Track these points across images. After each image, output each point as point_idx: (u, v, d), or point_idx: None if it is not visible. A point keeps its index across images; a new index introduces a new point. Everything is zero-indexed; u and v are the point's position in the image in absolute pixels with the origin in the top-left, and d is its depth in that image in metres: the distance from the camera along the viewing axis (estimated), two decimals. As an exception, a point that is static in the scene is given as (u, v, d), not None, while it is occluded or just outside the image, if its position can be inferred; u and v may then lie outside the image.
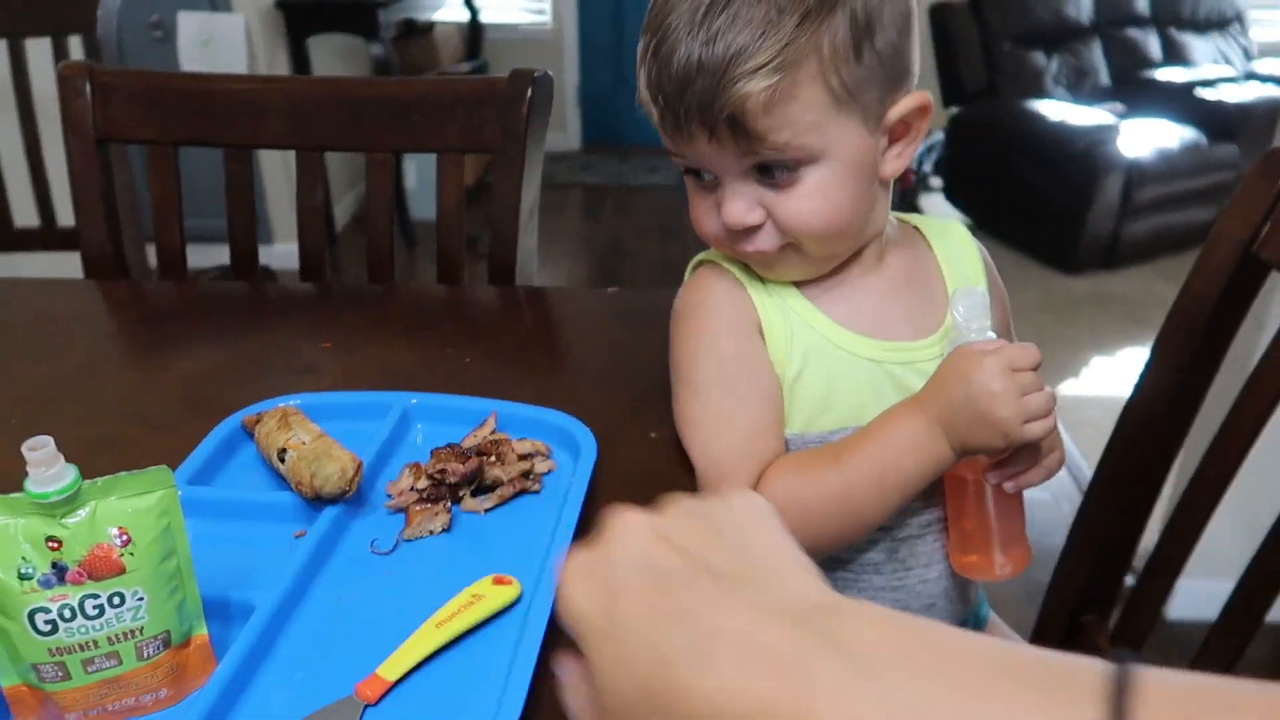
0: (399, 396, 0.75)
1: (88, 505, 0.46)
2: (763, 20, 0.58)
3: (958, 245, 0.76)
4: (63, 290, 1.04)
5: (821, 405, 0.69)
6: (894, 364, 0.70)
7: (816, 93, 0.60)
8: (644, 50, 0.63)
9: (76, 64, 1.07)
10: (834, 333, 0.70)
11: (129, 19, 2.88)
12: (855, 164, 0.64)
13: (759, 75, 0.58)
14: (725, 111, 0.59)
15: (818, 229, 0.65)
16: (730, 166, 0.63)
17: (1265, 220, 0.73)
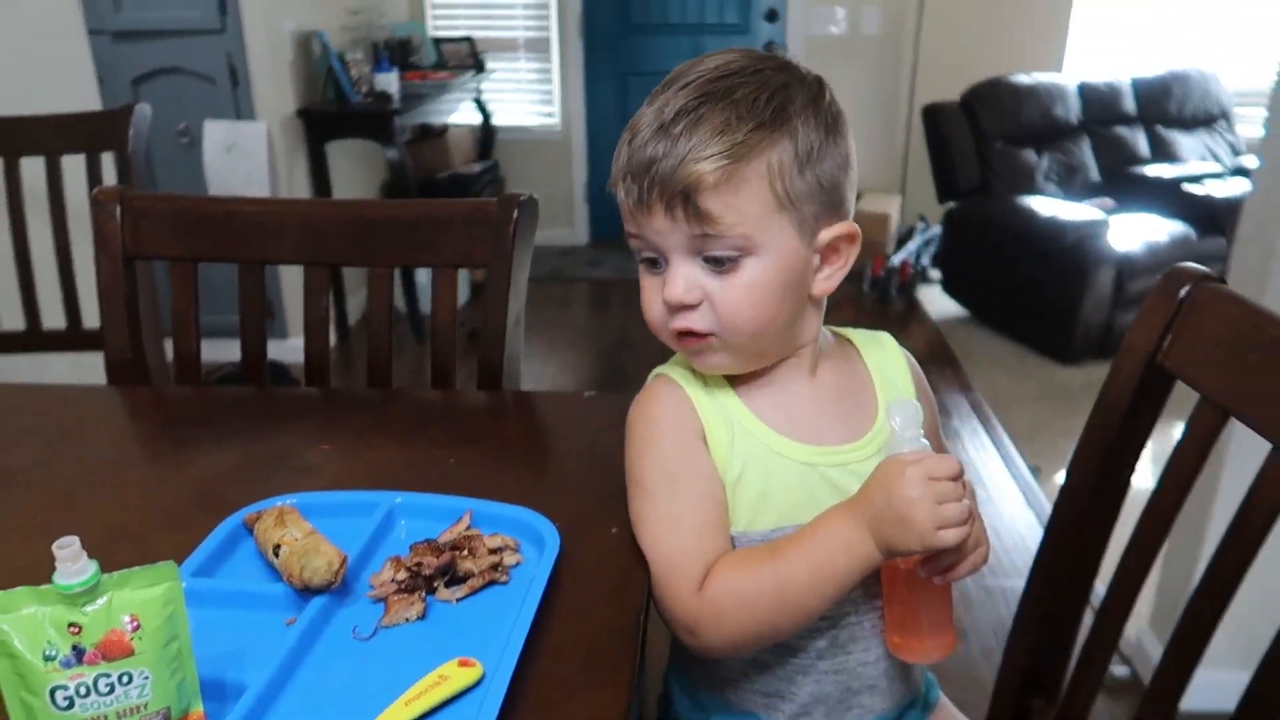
0: (385, 496, 0.83)
1: (105, 595, 0.54)
2: (722, 123, 0.69)
3: (887, 355, 0.85)
4: (88, 395, 1.13)
5: (760, 505, 0.77)
6: (827, 466, 0.78)
7: (761, 190, 0.70)
8: (619, 146, 0.74)
9: (110, 189, 1.18)
10: (771, 439, 0.78)
11: (157, 126, 3.05)
12: (787, 266, 0.73)
13: (713, 159, 0.68)
14: (681, 185, 0.69)
15: (746, 318, 0.73)
16: (679, 245, 0.72)
17: (1166, 331, 0.81)
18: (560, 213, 4.90)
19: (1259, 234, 1.62)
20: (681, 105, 0.70)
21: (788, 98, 0.71)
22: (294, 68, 3.36)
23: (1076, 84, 4.24)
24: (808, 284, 0.75)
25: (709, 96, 0.70)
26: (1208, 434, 0.78)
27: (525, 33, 4.70)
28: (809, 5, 4.45)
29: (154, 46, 3.14)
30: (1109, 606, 0.86)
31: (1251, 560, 0.74)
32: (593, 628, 0.70)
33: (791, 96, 0.71)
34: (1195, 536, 1.71)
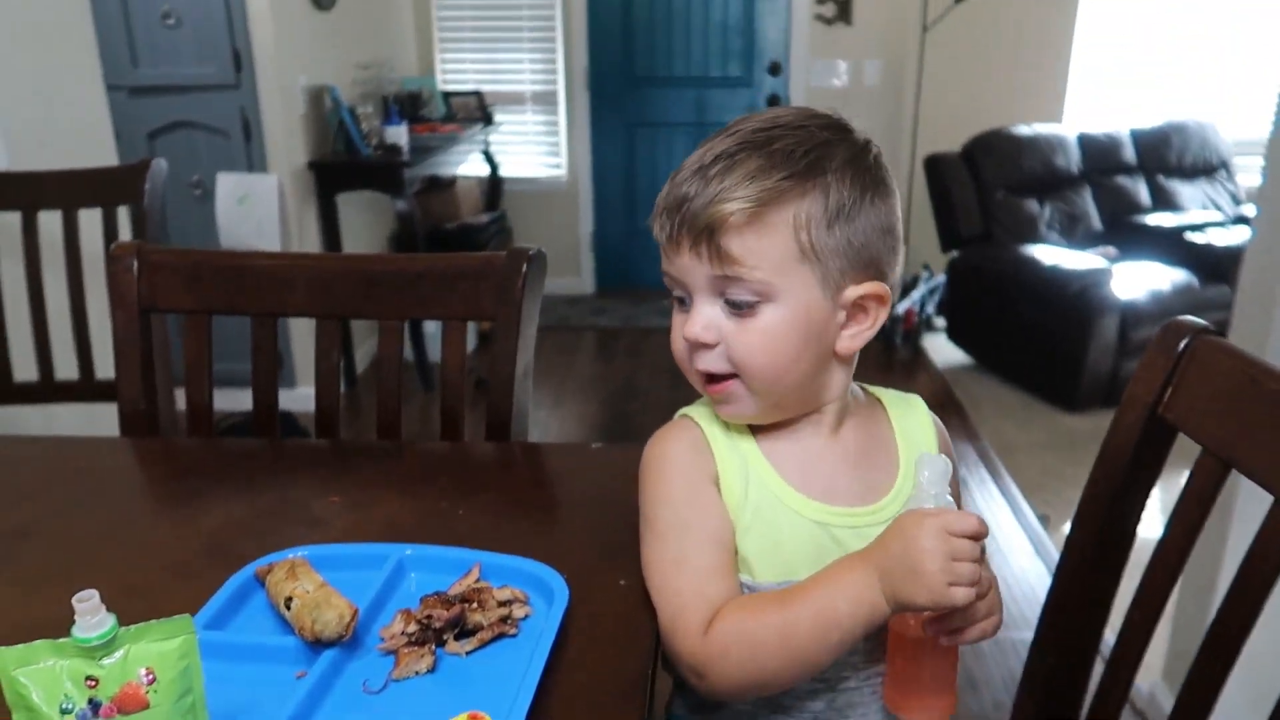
0: (395, 548, 0.84)
1: (122, 648, 0.55)
2: (755, 169, 0.71)
3: (915, 419, 0.85)
4: (102, 448, 1.15)
5: (768, 558, 0.77)
6: (838, 527, 0.78)
7: (785, 238, 0.72)
8: (664, 187, 0.76)
9: (127, 244, 1.21)
10: (784, 492, 0.78)
11: (171, 179, 3.10)
12: (807, 317, 0.74)
13: (739, 201, 0.71)
14: (706, 223, 0.71)
15: (760, 363, 0.74)
16: (703, 284, 0.74)
17: (1166, 384, 0.83)
18: (567, 262, 4.94)
19: (1260, 282, 1.63)
20: (722, 150, 0.73)
21: (826, 153, 0.72)
22: (306, 121, 3.42)
23: (1076, 134, 4.30)
24: (830, 339, 0.76)
25: (749, 145, 0.72)
26: (1210, 485, 0.79)
27: (533, 86, 4.78)
28: (811, 58, 4.53)
29: (170, 101, 3.20)
30: (1118, 658, 0.86)
31: (1259, 611, 0.74)
32: (601, 680, 0.71)
33: (830, 153, 0.73)
34: (1206, 588, 1.71)
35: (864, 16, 4.45)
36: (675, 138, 4.74)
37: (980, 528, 0.67)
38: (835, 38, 4.49)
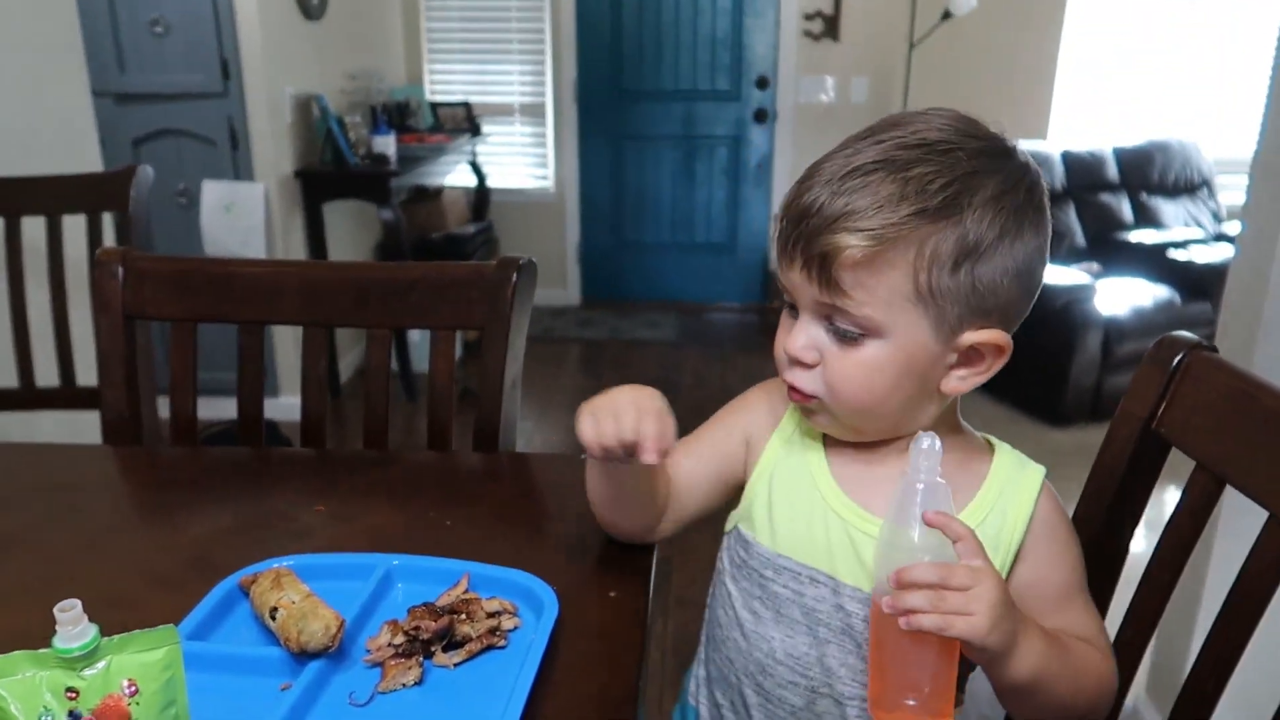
0: (382, 558, 0.83)
1: (104, 659, 0.54)
2: (886, 197, 0.66)
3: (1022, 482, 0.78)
4: (84, 456, 1.13)
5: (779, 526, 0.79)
6: (858, 530, 0.76)
7: (901, 277, 0.67)
8: (795, 182, 0.72)
9: (112, 250, 1.19)
10: (823, 478, 0.79)
11: (156, 186, 3.08)
12: (911, 357, 0.70)
13: (858, 235, 0.66)
14: (819, 250, 0.68)
15: (852, 394, 0.72)
16: (809, 303, 0.72)
17: (1160, 400, 0.82)
18: (553, 273, 4.93)
19: (1245, 299, 1.64)
20: (859, 164, 0.68)
21: (969, 187, 0.67)
22: (293, 130, 3.40)
23: (1060, 152, 4.33)
24: (934, 378, 0.73)
25: (888, 164, 0.67)
26: (1204, 501, 0.79)
27: (521, 98, 4.78)
28: (799, 74, 4.55)
29: (156, 109, 3.18)
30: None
31: (1253, 629, 0.74)
32: (591, 692, 0.70)
33: (974, 186, 0.67)
34: (1190, 602, 1.71)
35: (851, 33, 4.48)
36: (663, 151, 4.75)
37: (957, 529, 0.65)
38: (823, 53, 4.52)
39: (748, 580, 0.82)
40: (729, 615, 0.84)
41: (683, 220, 4.86)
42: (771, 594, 0.80)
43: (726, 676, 0.85)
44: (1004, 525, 0.76)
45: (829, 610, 0.77)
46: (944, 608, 0.63)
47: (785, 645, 0.79)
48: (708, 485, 0.85)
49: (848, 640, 0.77)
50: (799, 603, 0.78)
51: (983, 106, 3.08)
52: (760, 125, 4.65)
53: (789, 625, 0.79)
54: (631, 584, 0.83)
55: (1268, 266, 1.58)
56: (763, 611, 0.80)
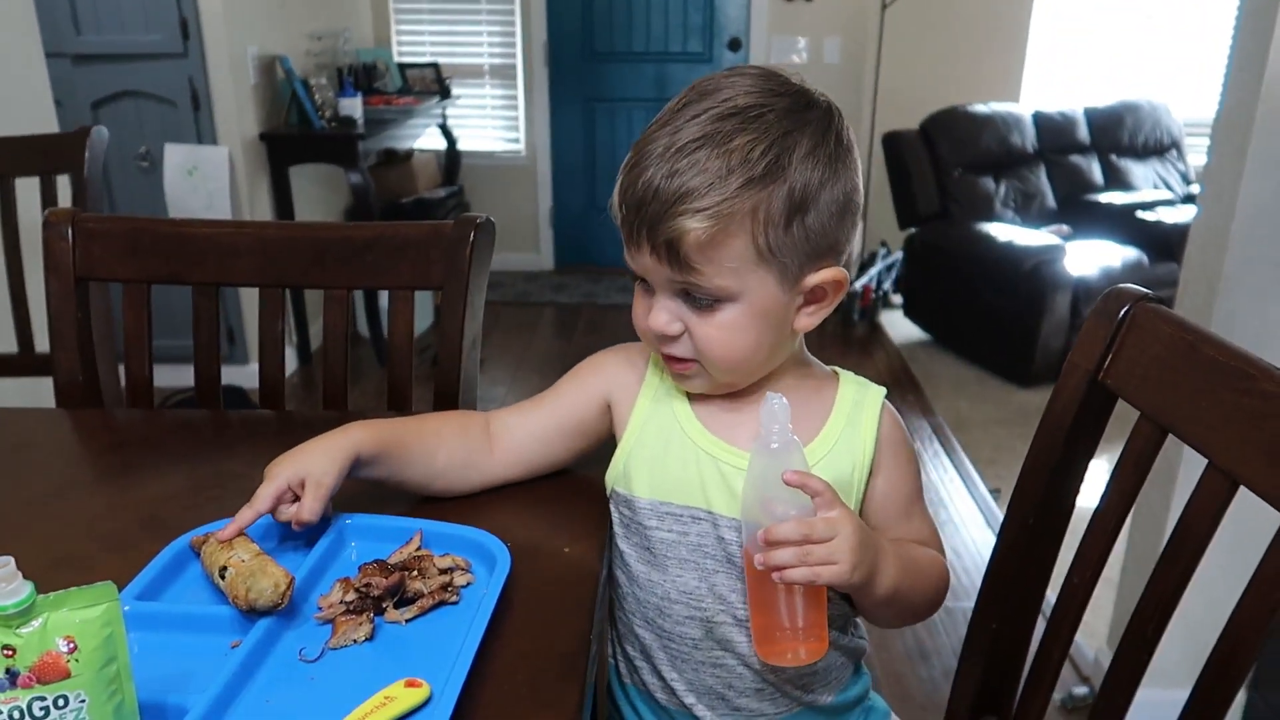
0: (335, 517, 0.82)
1: (41, 617, 0.53)
2: (715, 173, 0.71)
3: (865, 402, 0.84)
4: (37, 419, 1.12)
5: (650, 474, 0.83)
6: (728, 464, 0.81)
7: (743, 245, 0.72)
8: (624, 164, 0.76)
9: (61, 210, 1.17)
10: (688, 420, 0.83)
11: (116, 150, 3.04)
12: (764, 311, 0.76)
13: (698, 217, 0.71)
14: (665, 236, 0.72)
15: (721, 356, 0.77)
16: (663, 282, 0.76)
17: (1106, 353, 0.83)
18: (526, 238, 4.91)
19: (1204, 259, 1.66)
20: (683, 143, 0.72)
21: (785, 147, 0.72)
22: (257, 92, 3.35)
23: (1032, 113, 4.34)
24: (788, 322, 0.78)
25: (709, 139, 0.71)
26: (1147, 450, 0.80)
27: (491, 59, 4.72)
28: (771, 35, 4.52)
29: (114, 70, 3.12)
30: (1055, 624, 0.87)
31: (1191, 574, 0.75)
32: (542, 647, 0.70)
33: (790, 145, 0.72)
34: (1149, 556, 1.74)
35: (824, -7, 4.45)
36: (635, 113, 4.71)
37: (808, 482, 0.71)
38: (795, 14, 4.48)
39: (636, 535, 0.85)
40: (625, 573, 0.88)
41: (655, 183, 4.83)
42: (659, 540, 0.84)
43: (632, 628, 0.89)
44: (855, 443, 0.83)
45: (712, 543, 0.82)
46: (810, 560, 0.70)
47: (677, 584, 0.83)
48: (558, 439, 0.90)
49: (732, 567, 0.82)
50: (684, 542, 0.83)
51: (955, 67, 3.12)
52: (732, 87, 4.61)
53: (678, 565, 0.83)
54: (586, 540, 0.84)
55: (1227, 226, 1.59)
56: (653, 559, 0.84)
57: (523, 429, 0.90)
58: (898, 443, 0.85)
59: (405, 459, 0.85)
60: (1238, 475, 0.71)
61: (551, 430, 0.90)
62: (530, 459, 0.91)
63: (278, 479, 0.78)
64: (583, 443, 0.91)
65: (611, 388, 0.89)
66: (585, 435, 0.91)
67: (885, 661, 2.06)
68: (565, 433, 0.90)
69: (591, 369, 0.91)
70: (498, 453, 0.89)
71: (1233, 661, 0.70)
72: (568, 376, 0.91)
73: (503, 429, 0.90)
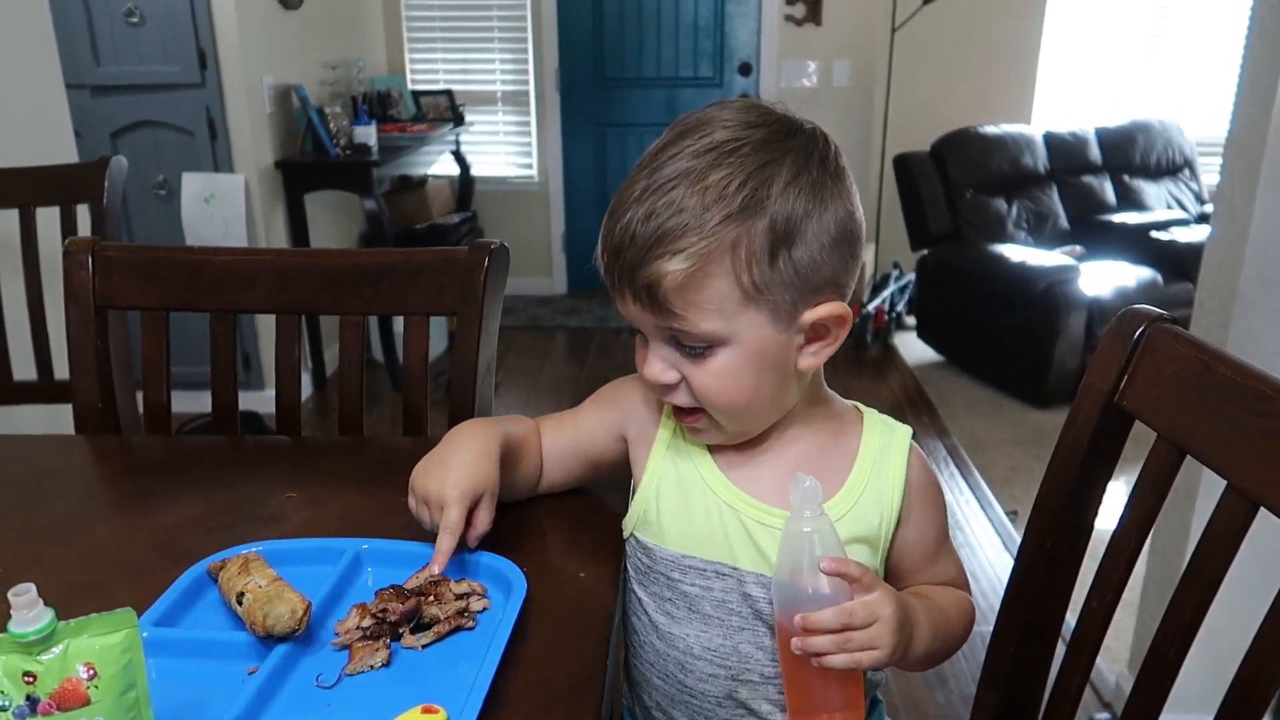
0: (351, 542, 0.83)
1: (61, 643, 0.54)
2: (691, 211, 0.67)
3: (891, 445, 0.82)
4: (56, 446, 1.13)
5: (676, 526, 0.81)
6: (751, 519, 0.79)
7: (725, 285, 0.69)
8: (607, 211, 0.73)
9: (82, 240, 1.19)
10: (709, 470, 0.81)
11: (134, 179, 3.08)
12: (760, 353, 0.72)
13: (676, 258, 0.68)
14: (644, 281, 0.69)
15: (721, 404, 0.75)
16: (652, 330, 0.74)
17: (1122, 374, 0.83)
18: (538, 262, 4.93)
19: (1219, 278, 1.65)
20: (659, 183, 0.68)
21: (763, 179, 0.68)
22: (273, 121, 3.39)
23: (1043, 134, 4.35)
24: (789, 363, 0.74)
25: (684, 176, 0.68)
26: (1165, 472, 0.79)
27: (503, 86, 4.77)
28: (781, 59, 4.54)
29: (133, 100, 3.16)
30: (1076, 647, 0.86)
31: (1212, 596, 0.75)
32: (558, 673, 0.70)
33: (768, 176, 0.68)
34: (1170, 579, 1.72)
35: (833, 17, 4.48)
36: (646, 138, 4.70)
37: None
38: (805, 38, 4.51)
39: (655, 584, 0.83)
40: (641, 620, 0.86)
41: (667, 207, 4.84)
42: (681, 593, 0.81)
43: (649, 679, 0.86)
44: (883, 493, 0.80)
45: (737, 600, 0.80)
46: (850, 647, 0.69)
47: (701, 640, 0.81)
48: (574, 464, 0.91)
49: (759, 624, 0.80)
50: (707, 597, 0.80)
51: (965, 89, 3.12)
52: (743, 111, 4.64)
53: (702, 620, 0.81)
54: (601, 566, 0.84)
55: (1241, 245, 1.59)
56: (675, 611, 0.82)
57: (552, 453, 0.90)
58: (927, 487, 0.82)
59: (514, 460, 0.85)
60: (1257, 496, 0.70)
61: (570, 454, 0.90)
62: (552, 482, 0.91)
63: (461, 501, 0.77)
64: (597, 471, 0.92)
65: (628, 423, 0.87)
66: (600, 464, 0.91)
67: (904, 688, 2.04)
68: (581, 460, 0.90)
69: (610, 401, 0.89)
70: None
71: (1256, 685, 0.69)
72: (590, 403, 0.90)
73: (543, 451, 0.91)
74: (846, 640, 0.69)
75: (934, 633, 0.77)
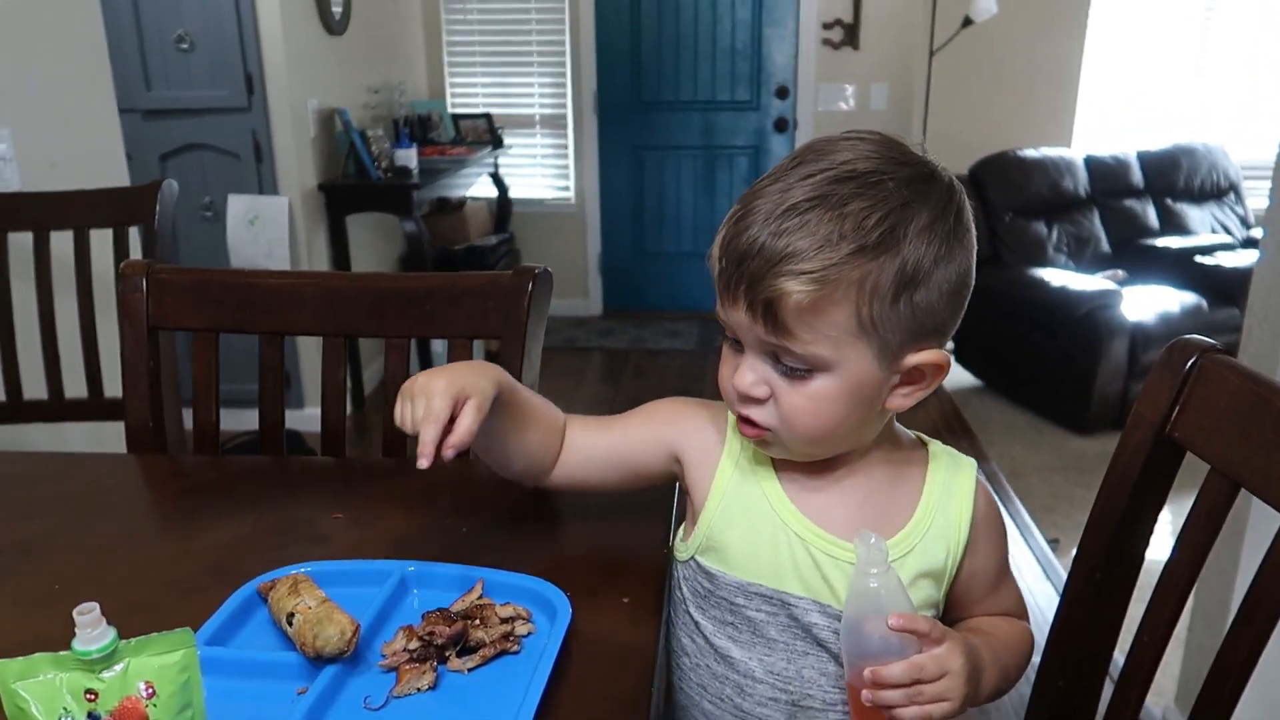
0: (398, 564, 0.84)
1: (122, 662, 0.55)
2: (824, 236, 0.67)
3: (958, 480, 0.81)
4: (108, 464, 1.15)
5: (744, 554, 0.80)
6: (820, 551, 0.78)
7: (845, 315, 0.69)
8: (729, 216, 0.73)
9: (136, 263, 1.22)
10: (778, 499, 0.80)
11: (182, 200, 3.11)
12: (857, 385, 0.72)
13: (802, 279, 0.67)
14: (764, 295, 0.69)
15: (806, 428, 0.74)
16: (755, 342, 0.73)
17: (1173, 405, 0.82)
18: (575, 283, 4.96)
19: (1269, 304, 1.62)
20: (794, 203, 0.68)
21: (903, 218, 0.68)
22: (316, 144, 3.44)
23: (1083, 157, 4.31)
24: (879, 400, 0.74)
25: (823, 200, 0.68)
26: (1218, 505, 0.78)
27: (542, 109, 4.81)
28: (818, 82, 4.55)
29: (182, 124, 3.23)
30: (1127, 680, 0.85)
31: (1270, 632, 0.73)
32: (603, 697, 0.70)
33: (908, 217, 0.68)
34: (1219, 611, 1.69)
35: (871, 41, 4.48)
36: (683, 161, 4.76)
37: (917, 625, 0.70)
38: (842, 61, 4.52)
39: (717, 609, 0.82)
40: (697, 644, 0.84)
41: (704, 230, 4.86)
42: (746, 619, 0.81)
43: (698, 703, 0.85)
44: (949, 528, 0.80)
45: (802, 627, 0.79)
46: (921, 699, 0.70)
47: (764, 664, 0.81)
48: (614, 470, 0.89)
49: (823, 651, 0.79)
50: (773, 623, 0.80)
51: (1004, 112, 3.10)
52: (781, 134, 4.65)
53: (766, 645, 0.81)
54: (645, 590, 0.84)
55: (1291, 271, 1.56)
56: (739, 636, 0.81)
57: (585, 449, 0.89)
58: (992, 520, 0.82)
59: (519, 419, 0.84)
60: (1315, 532, 0.69)
61: (611, 461, 0.89)
62: (583, 479, 0.90)
63: (446, 394, 0.74)
64: (636, 482, 0.90)
65: (685, 445, 0.86)
66: (641, 476, 0.90)
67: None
68: (623, 468, 0.89)
69: (666, 418, 0.88)
70: (558, 463, 0.89)
71: (1315, 725, 0.68)
72: (640, 414, 0.89)
73: (569, 442, 0.89)
74: (917, 694, 0.69)
75: (999, 672, 0.78)
